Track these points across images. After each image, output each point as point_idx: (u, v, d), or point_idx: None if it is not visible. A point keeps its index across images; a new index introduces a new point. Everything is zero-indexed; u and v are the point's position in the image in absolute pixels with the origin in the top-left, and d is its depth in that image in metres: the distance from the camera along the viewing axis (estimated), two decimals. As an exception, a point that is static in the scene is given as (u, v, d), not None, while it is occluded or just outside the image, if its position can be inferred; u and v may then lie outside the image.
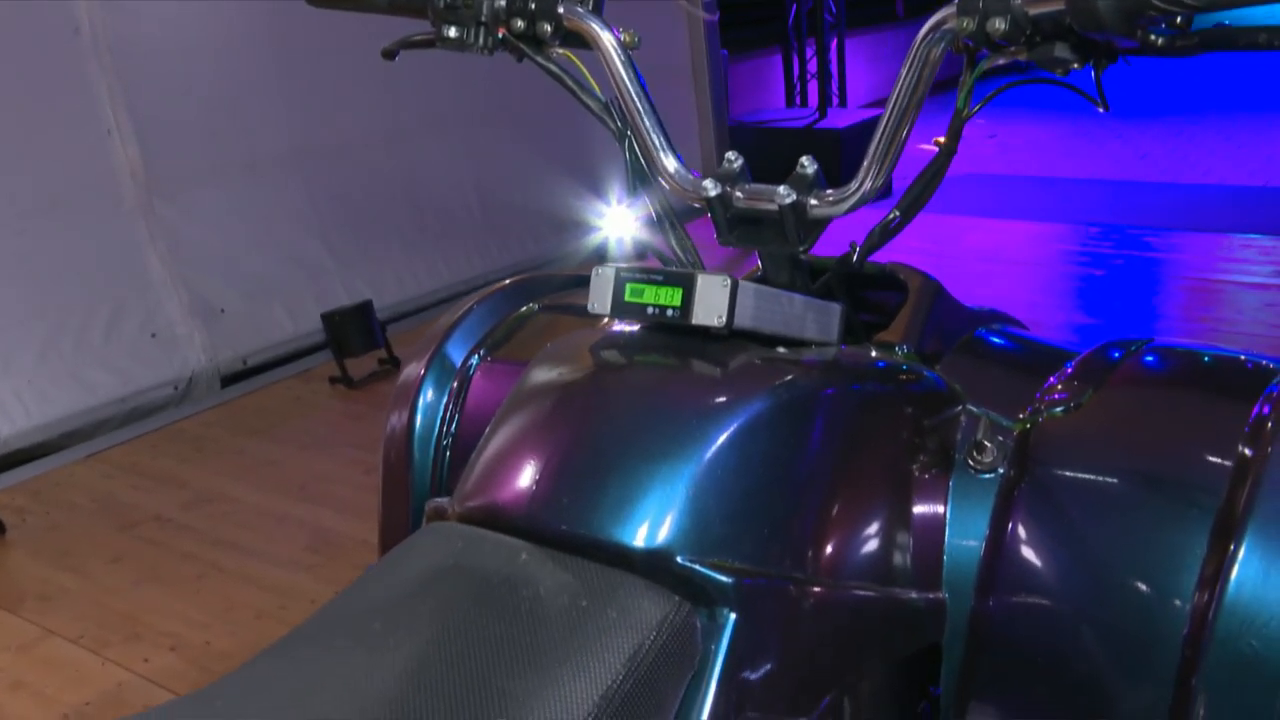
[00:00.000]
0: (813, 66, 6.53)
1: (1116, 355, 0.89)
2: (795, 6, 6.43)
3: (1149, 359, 0.89)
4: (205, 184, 3.53)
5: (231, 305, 3.59)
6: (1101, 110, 0.76)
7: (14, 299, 3.10)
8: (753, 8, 6.74)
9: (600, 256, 3.96)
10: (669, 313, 0.77)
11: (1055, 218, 4.89)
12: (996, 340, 0.99)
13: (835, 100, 6.59)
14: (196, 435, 3.20)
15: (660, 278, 0.77)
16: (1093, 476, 0.80)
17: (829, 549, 0.75)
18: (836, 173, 0.82)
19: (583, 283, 0.82)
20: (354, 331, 3.42)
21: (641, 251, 0.96)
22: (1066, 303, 3.86)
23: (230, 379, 3.56)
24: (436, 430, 1.08)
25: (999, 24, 0.72)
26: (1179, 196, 5.23)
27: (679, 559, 0.67)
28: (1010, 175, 5.94)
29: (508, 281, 1.18)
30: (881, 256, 0.92)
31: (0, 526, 2.66)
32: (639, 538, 0.67)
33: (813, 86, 6.54)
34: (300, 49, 3.59)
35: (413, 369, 1.10)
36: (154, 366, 3.37)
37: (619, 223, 0.97)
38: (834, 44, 6.56)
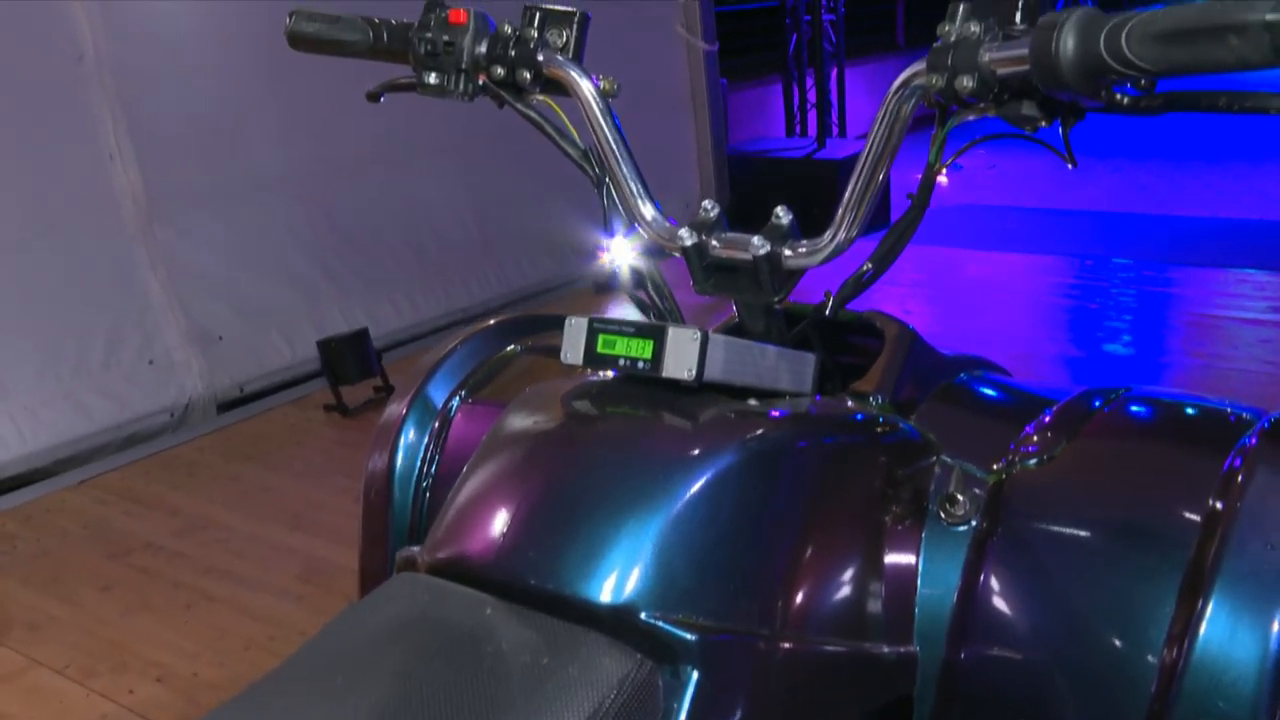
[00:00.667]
0: (812, 96, 6.57)
1: (1094, 404, 0.89)
2: (795, 36, 6.48)
3: (1125, 409, 0.89)
4: (205, 209, 3.55)
5: (229, 332, 3.60)
6: (1070, 167, 0.77)
7: (12, 323, 3.11)
8: (752, 37, 6.80)
9: (598, 286, 3.95)
10: (639, 365, 0.77)
11: (1051, 250, 4.90)
12: (974, 388, 0.99)
13: (835, 130, 6.63)
14: (191, 461, 3.20)
15: (631, 329, 0.78)
16: (1065, 530, 0.80)
17: (798, 604, 0.74)
18: (834, 202, 0.83)
19: None
20: (350, 359, 3.43)
21: (638, 283, 0.96)
22: (1060, 335, 3.86)
23: (226, 405, 3.57)
24: (417, 471, 1.08)
25: (967, 82, 0.73)
26: (1175, 230, 5.24)
27: (643, 615, 0.67)
28: (1007, 206, 5.96)
29: (491, 321, 1.19)
30: (867, 298, 0.92)
31: (-9, 553, 2.67)
32: (604, 593, 0.67)
33: (812, 116, 6.59)
34: (300, 74, 3.62)
35: (395, 408, 1.11)
36: (151, 393, 3.38)
37: (618, 253, 0.97)
38: (834, 73, 6.61)
